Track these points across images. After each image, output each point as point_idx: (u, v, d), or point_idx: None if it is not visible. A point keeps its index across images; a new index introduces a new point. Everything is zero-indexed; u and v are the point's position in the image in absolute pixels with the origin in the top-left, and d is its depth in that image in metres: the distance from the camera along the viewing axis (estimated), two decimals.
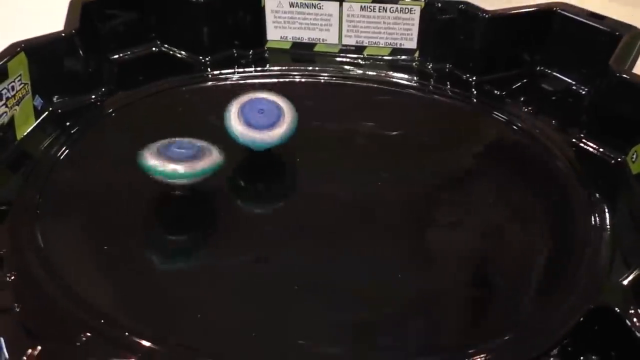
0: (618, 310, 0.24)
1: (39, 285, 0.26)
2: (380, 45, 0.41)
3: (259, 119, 0.31)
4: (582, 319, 0.25)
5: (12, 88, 0.33)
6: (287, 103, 0.32)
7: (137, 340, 0.24)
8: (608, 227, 0.29)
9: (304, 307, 0.26)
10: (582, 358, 0.24)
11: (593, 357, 0.24)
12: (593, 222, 0.29)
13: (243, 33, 0.41)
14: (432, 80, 0.40)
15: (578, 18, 0.37)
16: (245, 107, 0.31)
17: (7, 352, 0.19)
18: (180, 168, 0.27)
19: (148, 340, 0.24)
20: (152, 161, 0.28)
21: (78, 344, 0.23)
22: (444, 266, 0.28)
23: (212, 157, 0.28)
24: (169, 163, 0.27)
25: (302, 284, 0.27)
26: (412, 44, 0.41)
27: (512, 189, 0.32)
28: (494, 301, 0.26)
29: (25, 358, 0.18)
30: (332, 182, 0.32)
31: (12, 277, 0.26)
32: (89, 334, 0.23)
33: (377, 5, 0.40)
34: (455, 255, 0.28)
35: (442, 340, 0.25)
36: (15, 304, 0.25)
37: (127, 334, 0.24)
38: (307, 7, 0.40)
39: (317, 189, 0.32)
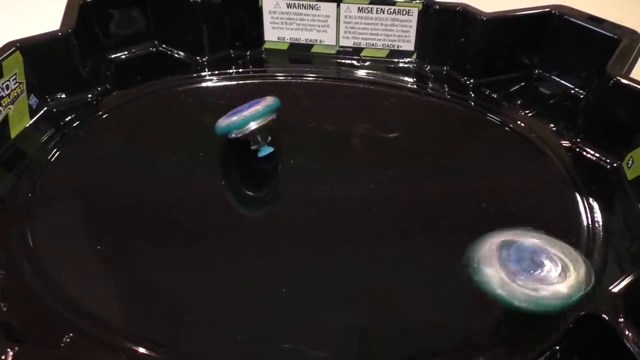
0: (607, 318, 0.23)
1: (27, 284, 0.26)
2: (378, 47, 0.41)
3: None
4: (571, 325, 0.24)
5: (7, 87, 0.33)
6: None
7: (124, 342, 0.24)
8: (602, 233, 0.29)
9: (299, 310, 0.26)
10: None
11: None
12: (587, 228, 0.29)
13: (240, 33, 0.41)
14: (429, 82, 0.39)
15: (576, 21, 0.37)
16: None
17: None
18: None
19: (134, 343, 0.24)
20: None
21: (62, 344, 0.23)
22: (438, 269, 0.27)
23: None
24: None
25: (297, 287, 0.26)
26: (409, 46, 0.40)
27: (508, 193, 0.31)
28: (485, 307, 0.26)
29: (2, 359, 0.18)
30: (327, 184, 0.32)
31: (0, 276, 0.26)
32: (72, 335, 0.23)
33: (375, 6, 0.39)
34: (449, 259, 0.28)
35: (433, 346, 0.25)
36: (2, 303, 0.25)
37: (113, 335, 0.24)
38: (305, 8, 0.40)
39: (312, 191, 0.32)
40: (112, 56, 0.41)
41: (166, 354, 0.24)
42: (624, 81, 0.31)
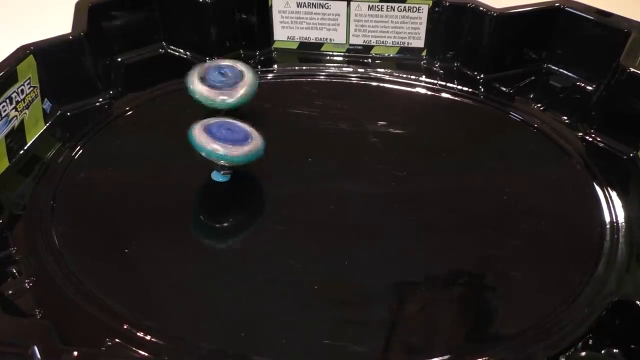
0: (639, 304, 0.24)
1: (59, 289, 0.26)
2: (388, 45, 0.41)
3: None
4: (604, 312, 0.25)
5: (22, 91, 0.33)
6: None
7: (160, 342, 0.24)
8: (623, 222, 0.29)
9: (327, 306, 0.26)
10: (603, 351, 0.24)
11: (615, 350, 0.24)
12: (609, 218, 0.29)
13: (250, 33, 0.41)
14: (440, 78, 0.40)
15: (584, 15, 0.37)
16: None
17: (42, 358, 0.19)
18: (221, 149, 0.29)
19: (171, 342, 0.24)
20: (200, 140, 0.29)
21: (103, 348, 0.23)
22: (462, 263, 0.28)
23: (255, 144, 0.30)
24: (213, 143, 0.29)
25: (323, 284, 0.27)
26: (419, 43, 0.41)
27: (528, 185, 0.32)
28: (516, 297, 0.26)
29: None
30: (346, 181, 0.32)
31: (31, 284, 0.26)
32: (116, 340, 0.23)
33: (385, 4, 0.40)
34: (473, 253, 0.28)
35: (464, 334, 0.25)
36: (37, 310, 0.25)
37: (149, 337, 0.24)
38: (315, 7, 0.40)
39: (332, 189, 0.32)
40: (121, 59, 0.41)
41: (205, 353, 0.24)
42: (638, 73, 0.32)
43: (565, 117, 0.36)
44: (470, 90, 0.38)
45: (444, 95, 0.39)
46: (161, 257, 0.28)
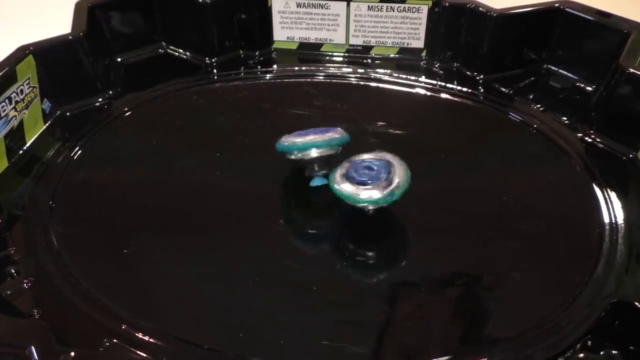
0: (639, 305, 0.24)
1: (58, 290, 0.26)
2: (388, 45, 0.41)
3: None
4: (603, 314, 0.25)
5: (21, 92, 0.33)
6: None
7: (159, 343, 0.24)
8: (622, 223, 0.29)
9: (321, 306, 0.26)
10: (602, 352, 0.24)
11: (614, 351, 0.24)
12: (608, 219, 0.29)
13: (249, 34, 0.41)
14: (439, 79, 0.40)
15: (584, 16, 0.37)
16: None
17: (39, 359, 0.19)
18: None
19: (170, 343, 0.24)
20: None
21: (101, 349, 0.23)
22: (461, 264, 0.28)
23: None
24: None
25: (317, 283, 0.27)
26: (419, 44, 0.41)
27: (527, 186, 0.32)
28: (515, 299, 0.26)
29: None
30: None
31: (29, 284, 0.26)
32: (114, 340, 0.23)
33: (385, 4, 0.40)
34: (472, 254, 0.28)
35: (463, 336, 0.25)
36: (35, 310, 0.25)
37: (148, 338, 0.24)
38: (314, 7, 0.40)
39: (329, 190, 0.32)
40: (121, 59, 0.41)
41: (204, 354, 0.24)
42: (638, 73, 0.32)
43: (565, 118, 0.36)
44: (469, 90, 0.38)
45: (443, 95, 0.39)
46: (160, 258, 0.28)
